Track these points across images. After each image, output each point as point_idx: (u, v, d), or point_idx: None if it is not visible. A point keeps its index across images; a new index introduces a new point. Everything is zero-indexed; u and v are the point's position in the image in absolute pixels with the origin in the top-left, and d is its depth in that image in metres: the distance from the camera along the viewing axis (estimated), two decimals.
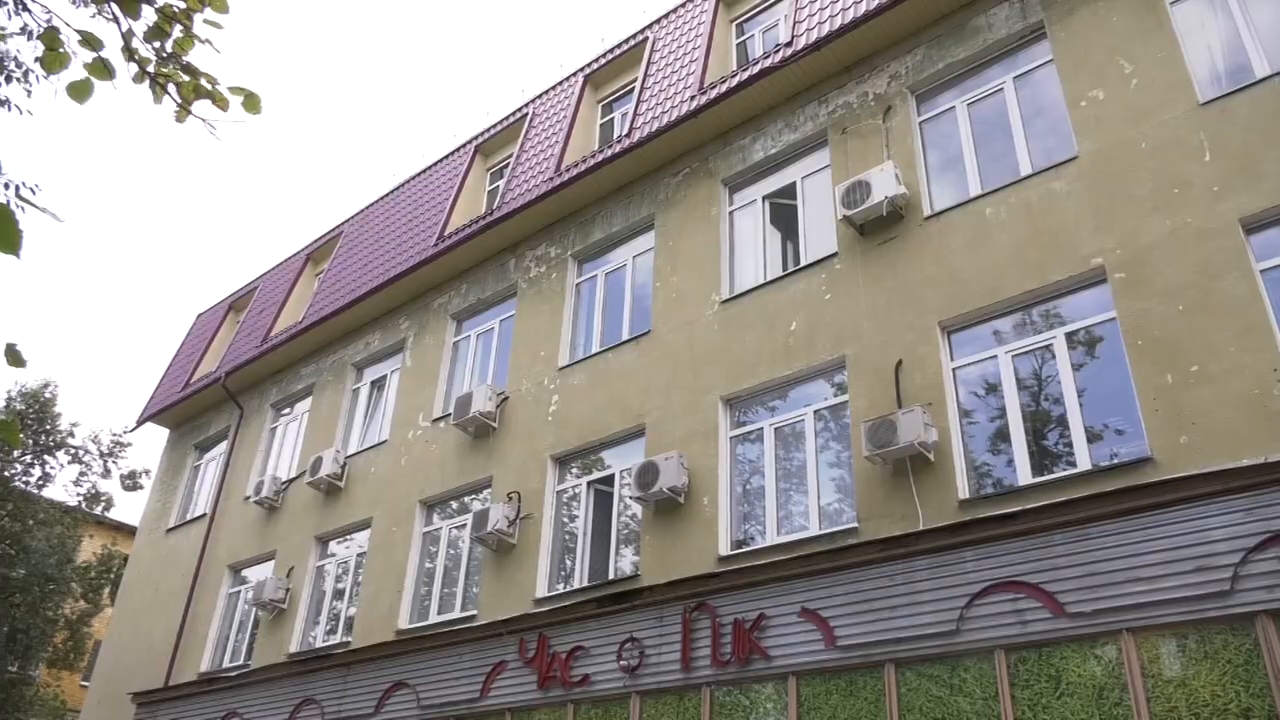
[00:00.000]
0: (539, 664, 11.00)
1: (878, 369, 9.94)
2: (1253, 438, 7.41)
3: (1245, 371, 7.66)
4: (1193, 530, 7.25)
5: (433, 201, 17.77)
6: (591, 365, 13.04)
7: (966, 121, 10.82)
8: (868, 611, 8.74)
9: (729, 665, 9.44)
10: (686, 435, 11.27)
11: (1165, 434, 7.89)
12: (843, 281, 10.75)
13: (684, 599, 10.07)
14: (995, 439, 9.12)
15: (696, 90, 13.33)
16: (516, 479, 12.93)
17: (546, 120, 16.57)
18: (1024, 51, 10.69)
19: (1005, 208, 9.80)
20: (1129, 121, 9.27)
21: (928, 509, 8.95)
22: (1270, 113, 8.39)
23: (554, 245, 14.78)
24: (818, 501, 10.06)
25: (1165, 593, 7.21)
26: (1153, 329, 8.31)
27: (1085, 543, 7.72)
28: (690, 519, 10.76)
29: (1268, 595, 6.81)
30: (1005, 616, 7.93)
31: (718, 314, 11.84)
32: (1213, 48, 9.26)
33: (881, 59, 11.75)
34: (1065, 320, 9.11)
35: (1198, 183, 8.57)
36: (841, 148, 11.60)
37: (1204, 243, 8.31)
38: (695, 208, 12.97)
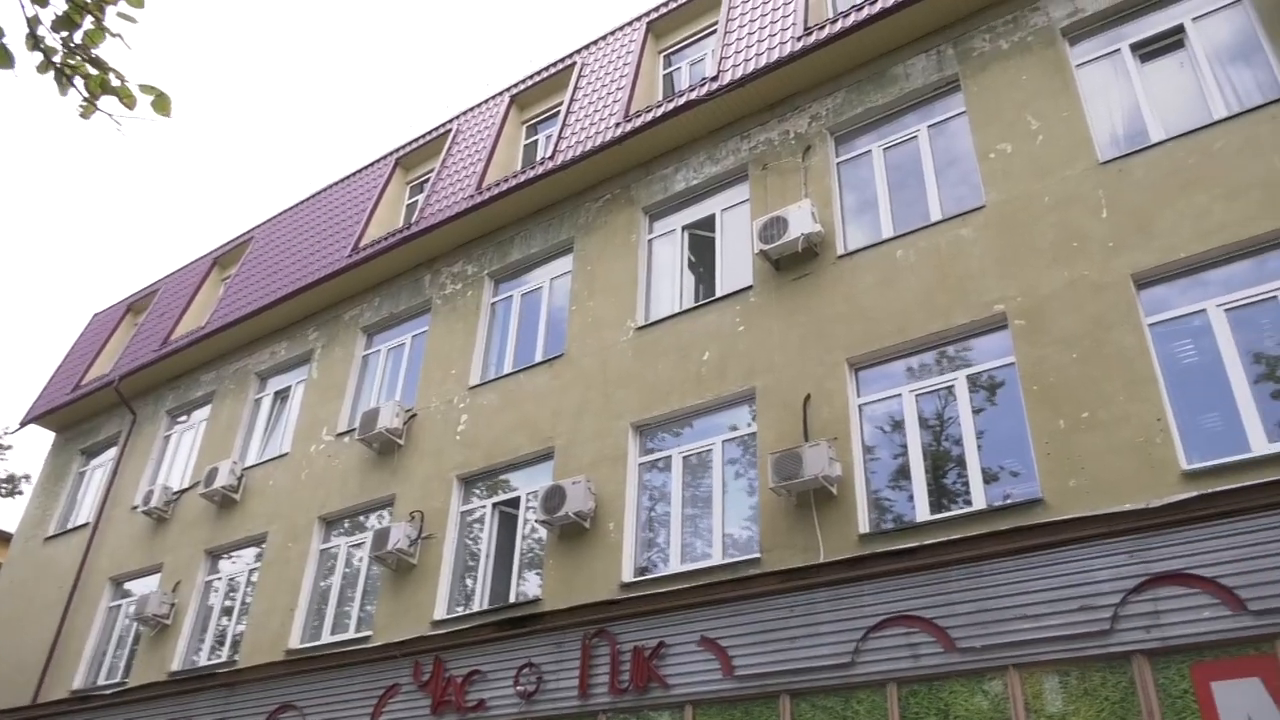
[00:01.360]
0: (434, 688, 10.76)
1: (786, 402, 10.08)
2: (1136, 483, 7.72)
3: (1132, 420, 8.00)
4: (1078, 571, 7.52)
5: (349, 212, 17.46)
6: (503, 386, 12.93)
7: (882, 165, 11.13)
8: (766, 642, 8.80)
9: (626, 693, 9.39)
10: (595, 460, 11.23)
11: (1056, 477, 8.18)
12: (756, 314, 10.90)
13: (585, 625, 10.00)
14: (896, 475, 9.32)
15: (622, 118, 13.43)
16: (420, 498, 12.70)
17: (470, 138, 16.48)
18: (939, 102, 11.06)
19: (915, 251, 10.08)
20: (1034, 175, 9.65)
21: (829, 542, 9.08)
22: (1163, 175, 8.85)
23: (471, 263, 14.65)
24: (722, 531, 10.12)
25: (1050, 630, 7.44)
26: (1048, 375, 8.62)
27: (978, 579, 7.93)
28: (595, 544, 10.71)
29: (1144, 635, 7.08)
30: (899, 650, 8.08)
31: (632, 340, 11.88)
32: (1113, 111, 9.74)
33: (803, 99, 12.02)
34: (967, 363, 9.39)
35: (1095, 238, 8.96)
36: (761, 183, 11.81)
37: (1098, 295, 8.68)
38: (615, 234, 13.03)
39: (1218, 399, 7.90)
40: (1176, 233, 8.53)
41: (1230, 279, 8.30)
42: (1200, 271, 8.45)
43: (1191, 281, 8.48)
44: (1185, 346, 8.29)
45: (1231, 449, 7.61)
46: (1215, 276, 8.39)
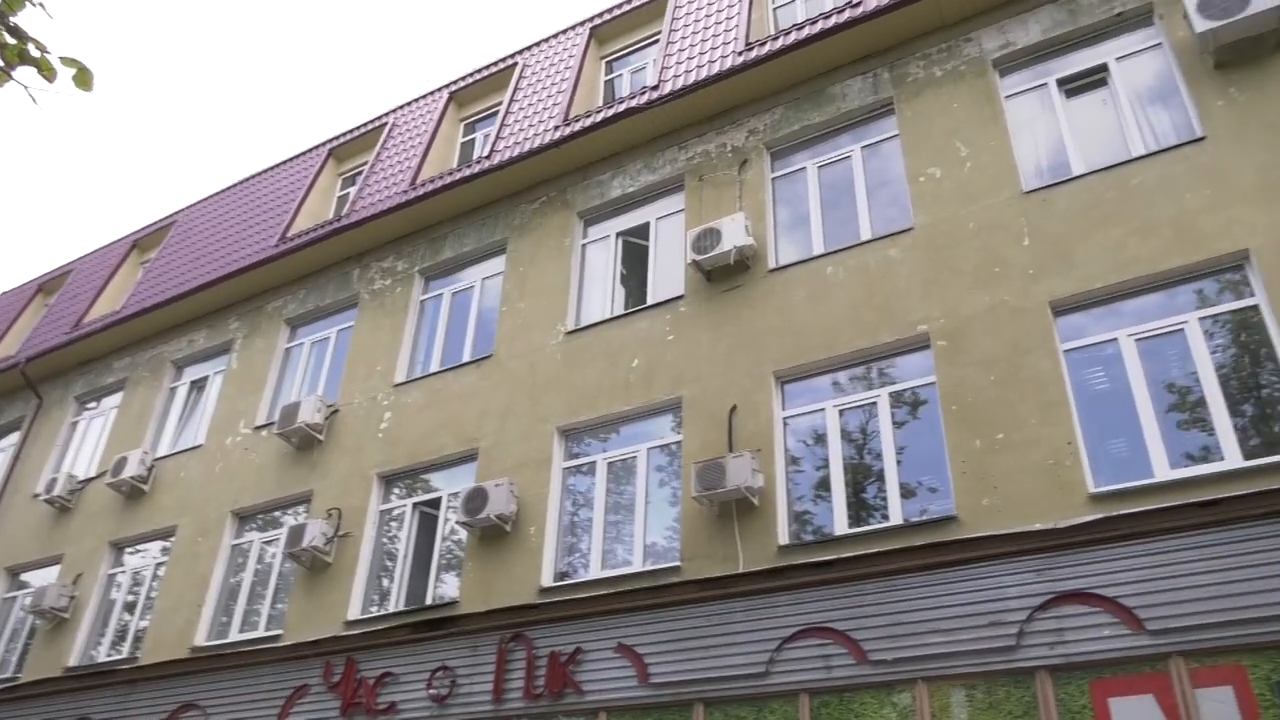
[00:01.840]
0: (344, 689, 10.56)
1: (712, 412, 10.16)
2: (1046, 504, 7.96)
3: (1044, 442, 8.25)
4: (988, 587, 7.73)
5: (278, 201, 17.09)
6: (429, 384, 12.78)
7: (816, 183, 11.31)
8: (682, 650, 8.85)
9: (541, 698, 9.34)
10: (519, 463, 11.17)
11: (970, 495, 8.39)
12: (686, 324, 10.97)
13: (502, 629, 9.93)
14: (817, 488, 9.46)
15: (561, 121, 13.41)
16: (338, 495, 12.46)
17: (406, 132, 16.28)
18: (874, 124, 11.28)
19: (844, 269, 10.26)
20: (961, 201, 9.91)
21: (749, 552, 9.16)
22: (1083, 207, 9.16)
23: (402, 259, 14.46)
24: (643, 538, 10.14)
25: (959, 645, 7.63)
26: (966, 396, 8.85)
27: (892, 593, 8.09)
28: (515, 548, 10.64)
29: (1049, 651, 7.31)
30: (812, 661, 8.19)
31: (562, 344, 11.85)
32: (1038, 142, 10.05)
33: (742, 113, 12.16)
34: (890, 380, 9.58)
35: (1016, 264, 9.23)
36: (697, 194, 11.90)
37: (1017, 320, 8.94)
38: (549, 237, 12.99)
39: (1125, 425, 8.19)
40: (1093, 264, 8.84)
41: (1141, 310, 8.63)
42: (1114, 302, 8.76)
43: (1105, 311, 8.79)
44: (1097, 373, 8.58)
45: (1136, 474, 7.89)
46: (1128, 307, 8.70)
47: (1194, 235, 8.47)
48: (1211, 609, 6.91)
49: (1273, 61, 8.84)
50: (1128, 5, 10.02)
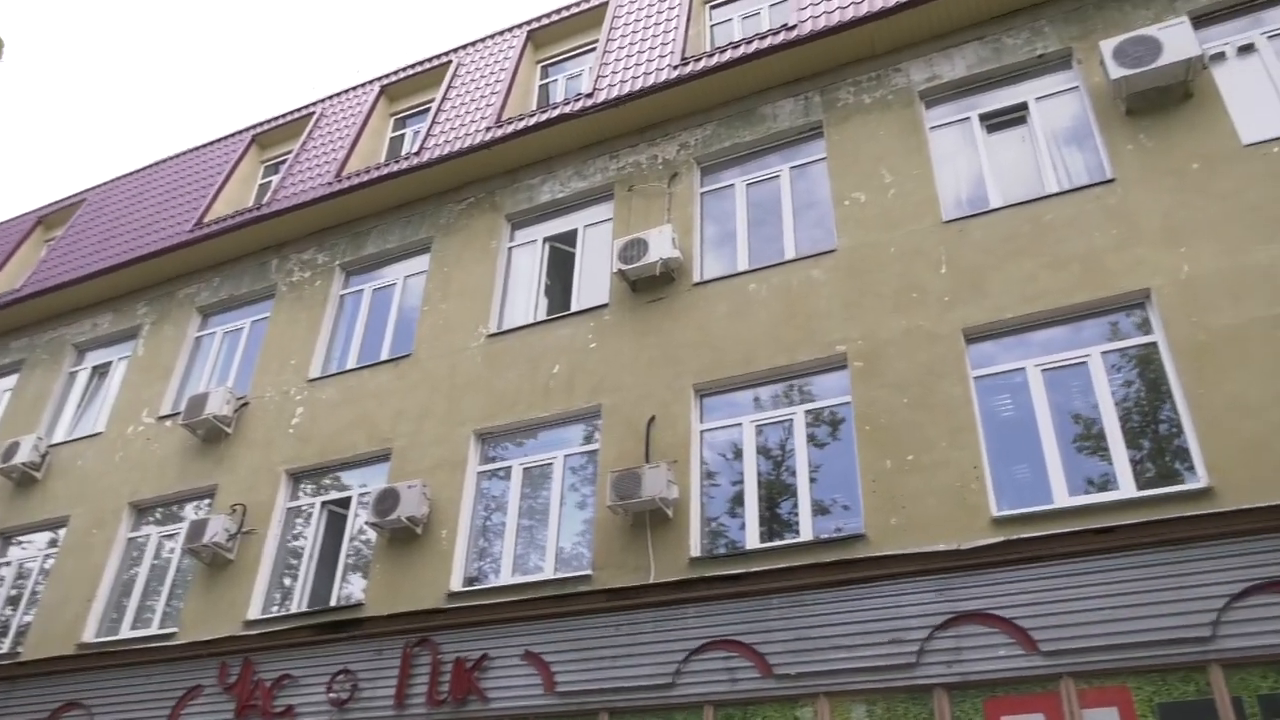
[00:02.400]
0: (240, 691, 10.27)
1: (631, 422, 10.18)
2: (951, 525, 8.18)
3: (951, 465, 8.48)
4: (891, 605, 7.90)
5: (196, 185, 16.59)
6: (344, 381, 12.53)
7: (744, 200, 11.45)
8: (590, 659, 8.83)
9: (444, 705, 9.22)
10: (434, 465, 11.02)
11: (879, 514, 8.56)
12: (609, 333, 10.98)
13: (407, 633, 9.77)
14: (732, 502, 9.54)
15: (493, 122, 13.32)
16: (244, 490, 12.12)
17: (334, 123, 15.99)
18: (803, 145, 11.48)
19: (767, 286, 10.40)
20: (883, 226, 10.13)
21: (660, 563, 9.19)
22: (999, 240, 9.45)
23: (323, 252, 14.17)
24: (556, 545, 10.10)
25: (861, 661, 7.78)
26: (880, 417, 9.04)
27: (798, 608, 8.21)
28: (425, 551, 10.48)
29: (946, 670, 7.50)
30: (718, 673, 8.26)
31: (483, 347, 11.74)
32: (959, 174, 10.35)
33: (674, 127, 12.24)
34: (807, 399, 9.73)
35: (933, 291, 9.48)
36: (625, 204, 11.94)
37: (932, 345, 9.17)
38: (475, 238, 12.87)
39: (1029, 452, 8.46)
40: (1005, 294, 9.13)
41: (1049, 342, 8.93)
42: (1023, 332, 9.06)
43: (1015, 341, 9.08)
44: (1004, 401, 8.85)
45: (1037, 499, 8.16)
46: (1036, 338, 9.01)
47: (1101, 272, 8.82)
48: (1101, 632, 7.18)
49: (1179, 111, 9.26)
50: (1049, 48, 10.41)
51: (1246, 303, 8.08)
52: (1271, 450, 7.42)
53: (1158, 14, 9.93)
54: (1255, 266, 8.20)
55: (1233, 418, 7.68)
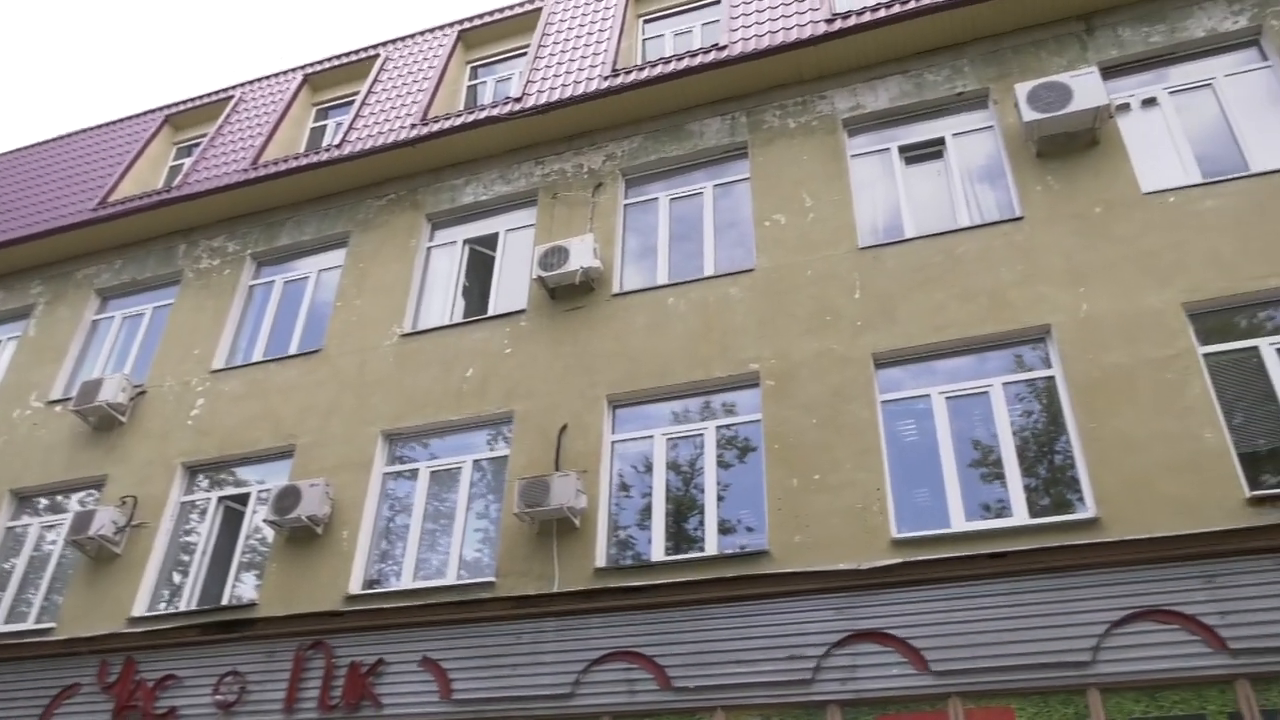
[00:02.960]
0: (120, 691, 9.86)
1: (543, 429, 10.13)
2: (852, 545, 8.35)
3: (856, 486, 8.66)
4: (791, 622, 8.02)
5: (102, 163, 15.95)
6: (249, 374, 12.18)
7: (667, 214, 11.53)
8: (489, 668, 8.74)
9: (336, 710, 9.01)
10: (338, 464, 10.78)
11: (783, 531, 8.69)
12: (525, 339, 10.93)
13: (301, 635, 9.53)
14: (639, 514, 9.57)
15: (419, 120, 13.16)
16: (136, 482, 11.66)
17: (253, 109, 15.58)
18: (728, 164, 11.63)
19: (686, 301, 10.48)
20: (801, 249, 10.32)
21: (565, 573, 9.16)
22: (911, 269, 9.72)
23: (234, 240, 13.77)
24: (460, 551, 9.98)
25: (760, 676, 7.88)
26: (789, 436, 9.18)
27: (700, 622, 8.28)
28: (325, 551, 10.24)
29: (840, 687, 7.65)
30: (617, 685, 8.26)
31: (396, 346, 11.56)
32: (877, 202, 10.62)
33: (602, 137, 12.28)
34: (719, 415, 9.84)
35: (846, 315, 9.69)
36: (549, 211, 11.91)
37: (842, 368, 9.37)
38: (394, 235, 12.68)
39: (929, 476, 8.70)
40: (914, 322, 9.38)
41: (954, 371, 9.22)
42: (930, 360, 9.33)
43: (922, 368, 9.34)
44: (909, 426, 9.09)
45: (935, 523, 8.40)
46: (941, 366, 9.28)
47: (1005, 306, 9.14)
48: (989, 654, 7.41)
49: (1085, 157, 9.68)
50: (967, 87, 10.77)
51: (1138, 344, 8.46)
52: (1154, 485, 7.77)
53: (1070, 62, 10.36)
54: (1148, 310, 8.60)
55: (1120, 453, 8.03)
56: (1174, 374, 8.22)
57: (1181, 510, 7.58)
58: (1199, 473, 7.72)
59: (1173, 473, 7.78)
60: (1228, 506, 7.52)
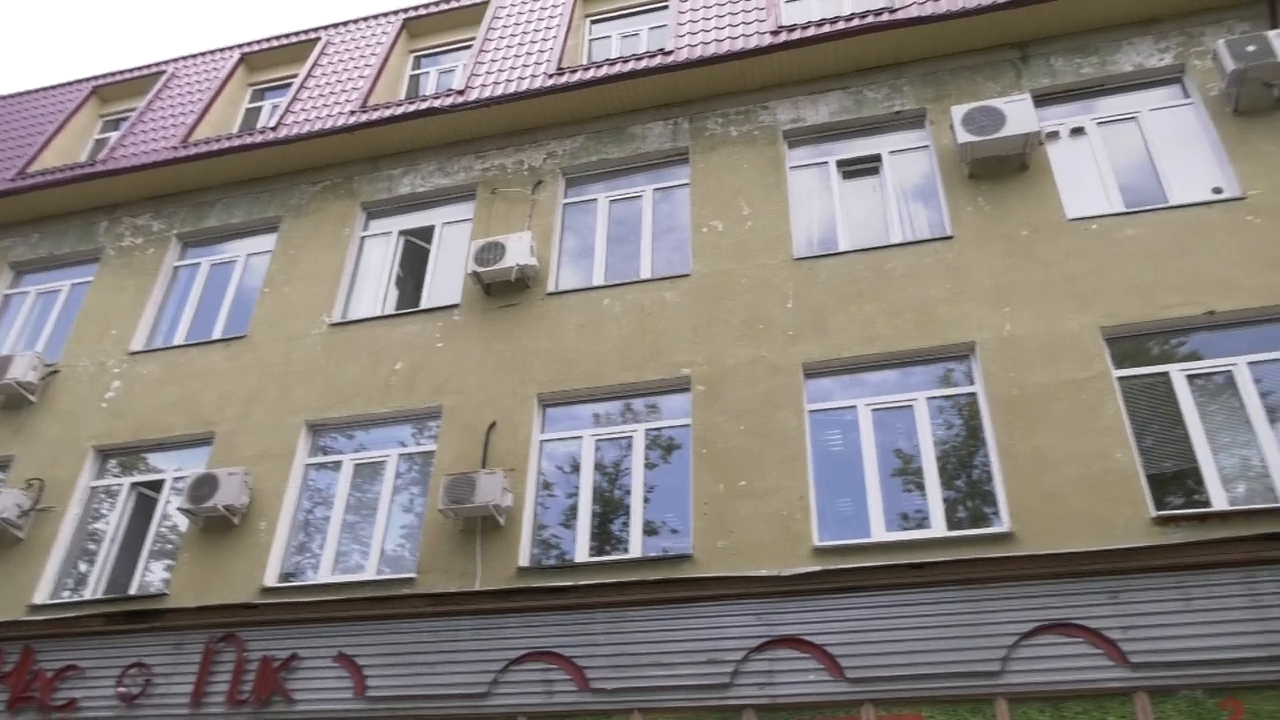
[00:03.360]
0: (16, 680, 9.50)
1: (471, 426, 10.04)
2: (775, 551, 8.44)
3: (781, 493, 8.76)
4: (711, 626, 8.07)
5: (23, 132, 15.37)
6: (169, 358, 11.84)
7: (606, 215, 11.53)
8: (406, 665, 8.62)
9: (245, 705, 8.80)
10: (259, 453, 10.54)
11: (708, 536, 8.74)
12: (457, 334, 10.82)
13: (213, 627, 9.30)
14: (565, 514, 9.54)
15: (358, 107, 12.94)
16: (44, 464, 11.24)
17: (186, 85, 15.16)
18: (668, 169, 11.67)
19: (621, 304, 10.49)
20: (737, 256, 10.41)
21: (488, 571, 9.08)
22: (843, 282, 9.87)
23: (159, 219, 13.38)
24: (381, 545, 9.83)
25: (678, 679, 7.91)
26: (717, 441, 9.25)
27: (621, 624, 8.28)
28: (241, 542, 10.00)
29: (758, 691, 7.72)
30: (535, 685, 8.22)
31: (324, 335, 11.34)
32: (813, 215, 10.76)
33: (544, 135, 12.22)
34: (649, 418, 9.86)
35: (778, 324, 9.80)
36: (487, 206, 11.82)
37: (773, 376, 9.47)
38: (327, 223, 12.44)
39: (852, 486, 8.84)
40: (845, 334, 9.53)
41: (880, 384, 9.38)
42: (858, 372, 9.48)
43: (850, 379, 9.49)
44: (835, 436, 9.23)
45: (857, 532, 8.54)
46: (869, 379, 9.44)
47: (933, 323, 9.33)
48: (903, 662, 7.55)
49: (1015, 181, 9.94)
50: (905, 106, 10.98)
51: (1057, 365, 8.72)
52: (1066, 502, 8.01)
53: (1004, 88, 10.64)
54: (1067, 332, 8.86)
55: (1036, 469, 8.26)
56: (1090, 395, 8.49)
57: (1091, 527, 7.83)
58: (1109, 492, 7.98)
59: (1084, 490, 8.03)
60: (1134, 525, 7.78)
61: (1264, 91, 9.59)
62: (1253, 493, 7.95)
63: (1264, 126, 9.55)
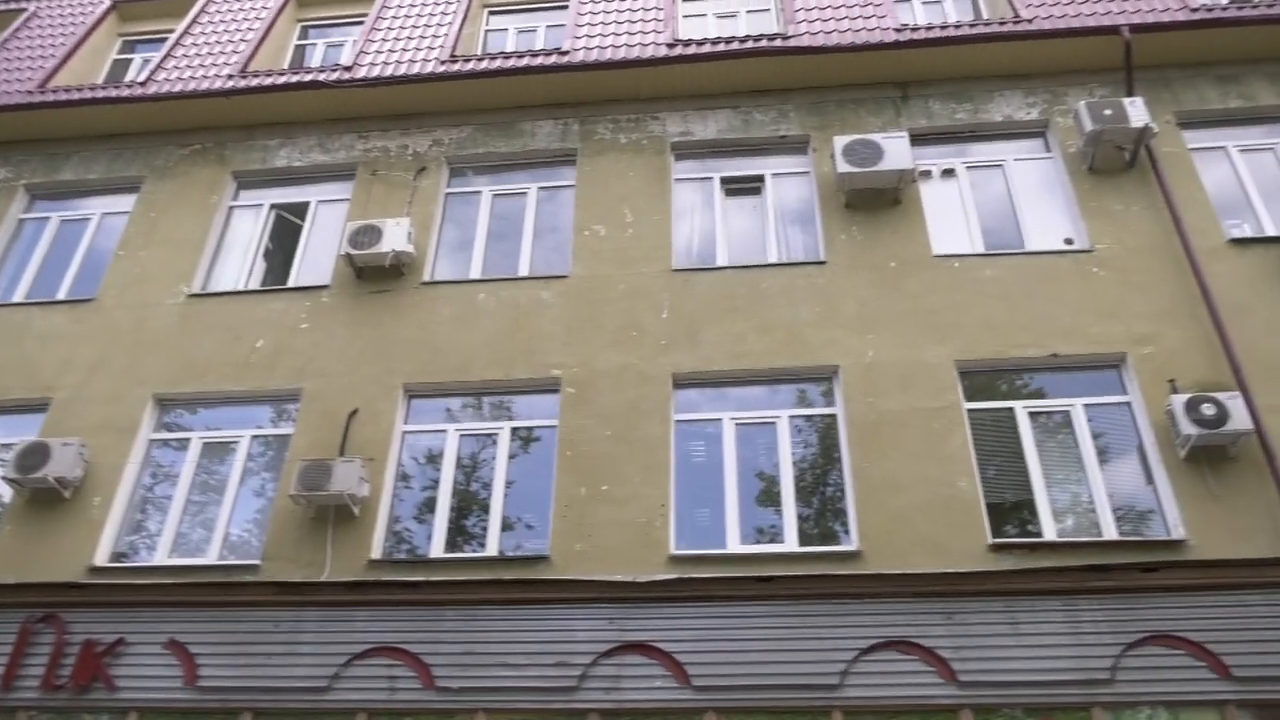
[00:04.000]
0: None
1: (331, 411, 9.74)
2: (632, 557, 8.49)
3: (642, 500, 8.84)
4: (563, 629, 8.06)
5: None
6: (6, 316, 11.05)
7: (488, 209, 11.39)
8: (243, 655, 8.28)
9: (61, 691, 8.27)
10: (99, 424, 9.93)
11: (566, 539, 8.73)
12: (325, 316, 10.48)
13: (30, 606, 8.70)
14: (422, 508, 9.36)
15: (237, 71, 12.39)
16: None
17: (48, 27, 14.20)
18: (555, 169, 11.63)
19: (497, 299, 10.38)
20: (617, 263, 10.45)
21: (337, 562, 8.82)
22: (719, 296, 10.04)
23: (7, 167, 12.46)
24: (226, 529, 9.41)
25: (526, 681, 7.86)
26: (582, 445, 9.25)
27: (471, 622, 8.18)
28: (71, 518, 9.40)
29: (604, 696, 7.75)
30: (378, 681, 8.03)
31: (181, 306, 10.80)
32: (694, 229, 10.92)
33: (431, 121, 11.98)
34: (515, 416, 9.79)
35: (651, 333, 9.89)
36: (366, 188, 11.51)
37: (642, 384, 9.55)
38: (194, 189, 11.86)
39: (711, 498, 9.00)
40: (715, 347, 9.70)
41: (745, 399, 9.59)
42: (725, 386, 9.66)
43: (717, 393, 9.66)
44: (698, 447, 9.37)
45: (713, 543, 8.69)
46: (735, 393, 9.64)
47: (801, 344, 9.60)
48: (747, 672, 7.72)
49: (887, 214, 10.34)
50: (791, 131, 11.28)
51: (913, 393, 9.11)
52: (912, 525, 8.37)
53: (885, 124, 11.07)
54: (924, 362, 9.28)
55: (886, 492, 8.60)
56: (940, 424, 8.90)
57: (933, 550, 8.21)
58: (951, 517, 8.39)
59: (929, 515, 8.41)
60: (972, 550, 8.20)
61: (1116, 154, 10.30)
62: (1079, 526, 8.50)
63: (1114, 186, 10.25)
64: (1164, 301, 9.40)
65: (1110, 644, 7.53)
